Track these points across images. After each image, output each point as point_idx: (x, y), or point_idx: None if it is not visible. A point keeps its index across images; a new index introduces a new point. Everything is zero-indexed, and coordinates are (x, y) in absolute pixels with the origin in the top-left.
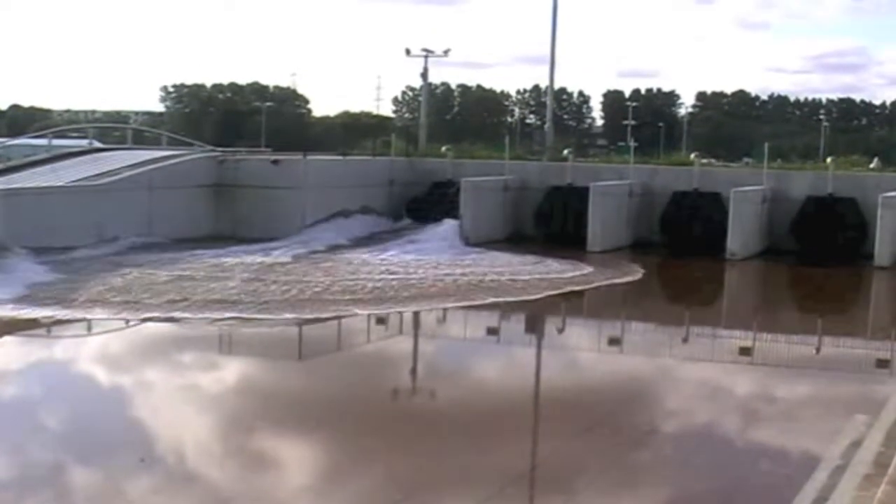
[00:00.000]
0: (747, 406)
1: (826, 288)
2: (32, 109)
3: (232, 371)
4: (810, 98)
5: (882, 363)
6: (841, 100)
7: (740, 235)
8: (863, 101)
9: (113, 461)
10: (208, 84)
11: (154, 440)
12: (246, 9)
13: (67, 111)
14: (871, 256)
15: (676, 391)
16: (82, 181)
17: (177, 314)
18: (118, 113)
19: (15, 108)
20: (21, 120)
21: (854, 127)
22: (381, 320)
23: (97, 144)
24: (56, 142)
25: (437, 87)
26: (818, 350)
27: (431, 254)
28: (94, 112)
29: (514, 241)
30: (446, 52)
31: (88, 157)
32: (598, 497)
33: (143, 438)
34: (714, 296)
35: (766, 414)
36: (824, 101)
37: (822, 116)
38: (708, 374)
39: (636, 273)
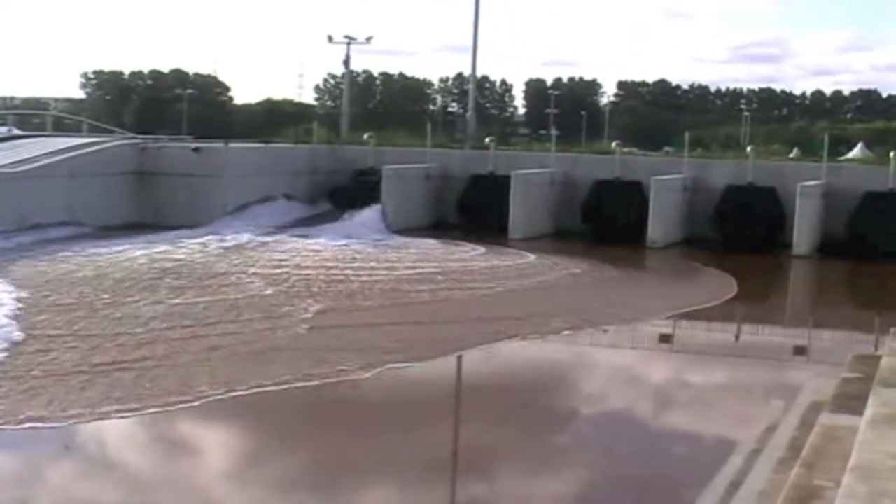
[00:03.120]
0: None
1: (748, 275)
2: None
3: None
4: (731, 88)
5: (799, 350)
6: (761, 90)
7: (661, 224)
8: (783, 92)
9: None
10: (129, 71)
11: None
12: None
13: None
14: (789, 245)
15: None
16: (2, 168)
17: None
18: (37, 100)
19: None
20: None
21: (774, 117)
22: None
23: (16, 131)
24: None
25: (359, 74)
26: (737, 337)
27: (355, 242)
28: (12, 98)
29: (437, 228)
30: (369, 40)
31: (7, 143)
32: None
33: None
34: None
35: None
36: (745, 90)
37: (742, 106)
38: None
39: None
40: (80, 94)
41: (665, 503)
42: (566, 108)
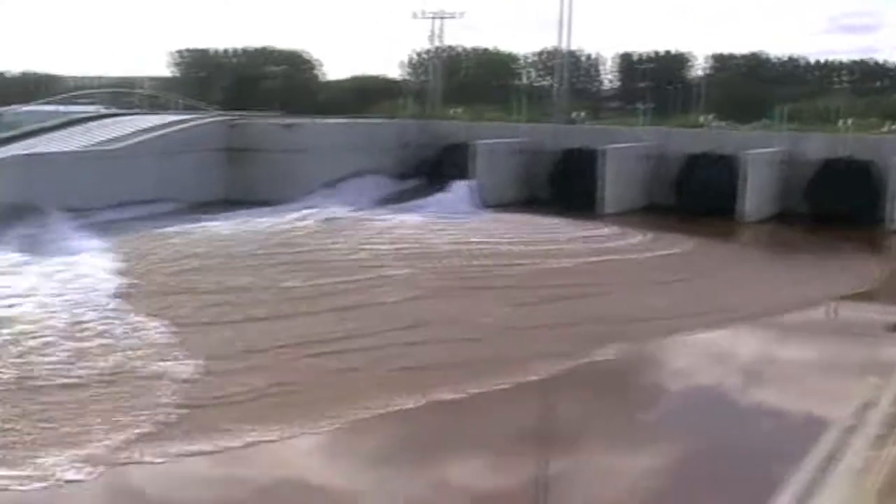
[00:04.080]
0: None
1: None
2: (43, 76)
3: None
4: (827, 60)
5: None
6: (858, 61)
7: (754, 198)
8: (880, 63)
9: None
10: (219, 49)
11: None
12: None
13: (77, 77)
14: (883, 220)
15: None
16: (96, 146)
17: None
18: (128, 79)
19: (27, 74)
20: (33, 86)
21: (872, 89)
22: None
23: (103, 111)
24: (67, 108)
25: (446, 49)
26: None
27: (451, 216)
28: (102, 78)
29: (528, 203)
30: (459, 15)
31: (100, 122)
32: None
33: None
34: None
35: None
36: (841, 62)
37: (839, 78)
38: None
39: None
40: (169, 73)
41: None
42: (657, 81)
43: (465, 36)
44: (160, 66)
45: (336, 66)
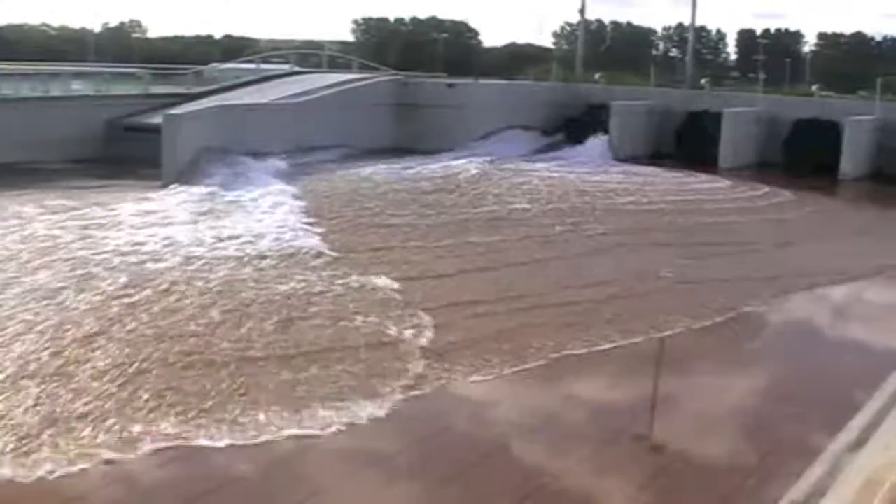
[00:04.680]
0: None
1: None
2: (242, 39)
3: None
4: None
5: None
6: None
7: (852, 158)
8: None
9: None
10: (393, 17)
11: None
12: None
13: (271, 40)
14: None
15: None
16: (284, 99)
17: None
18: (314, 42)
19: (228, 37)
20: (232, 48)
21: None
22: None
23: (296, 69)
24: (262, 66)
25: (592, 22)
26: None
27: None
28: (292, 40)
29: (655, 157)
30: None
31: (289, 78)
32: None
33: None
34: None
35: None
36: None
37: None
38: None
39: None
40: (350, 38)
41: None
42: (772, 55)
43: (610, 10)
44: (343, 31)
45: (493, 35)
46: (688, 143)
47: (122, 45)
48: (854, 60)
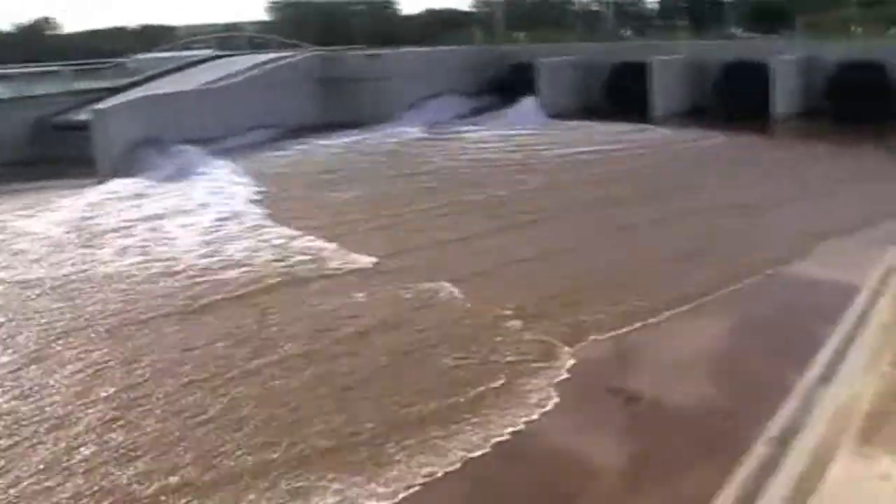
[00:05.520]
0: None
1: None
2: (160, 27)
3: None
4: None
5: None
6: None
7: (783, 98)
8: None
9: None
10: None
11: None
12: None
13: (189, 26)
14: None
15: None
16: (209, 84)
17: None
18: (233, 24)
19: (145, 27)
20: (151, 37)
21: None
22: None
23: (218, 52)
24: (183, 53)
25: None
26: None
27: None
28: (211, 25)
29: (586, 111)
30: None
31: (211, 63)
32: None
33: None
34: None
35: None
36: None
37: None
38: None
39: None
40: (268, 17)
41: None
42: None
43: None
44: (259, 12)
45: (412, 2)
46: (617, 95)
47: (37, 44)
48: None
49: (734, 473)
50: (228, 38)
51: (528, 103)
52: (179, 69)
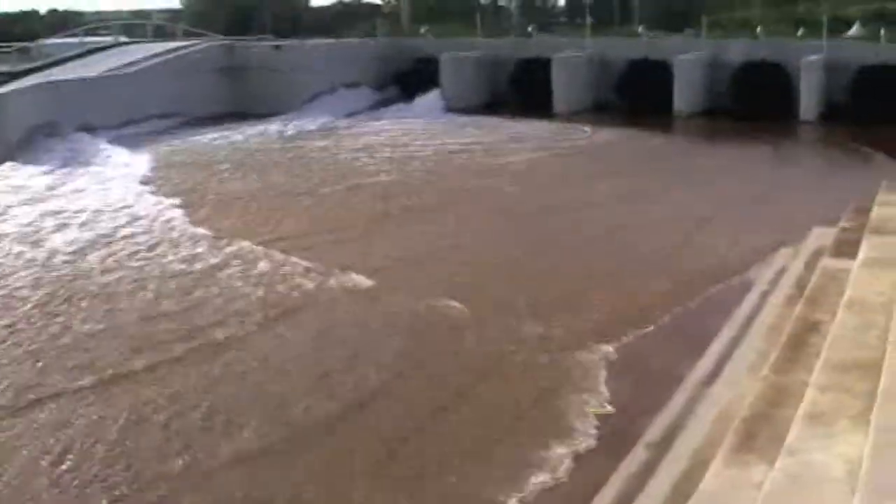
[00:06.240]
0: None
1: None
2: (68, 13)
3: None
4: None
5: None
6: None
7: (685, 96)
8: None
9: None
10: None
11: None
12: None
13: (98, 12)
14: (797, 114)
15: None
16: (112, 71)
17: None
18: (140, 12)
19: (53, 12)
20: (58, 22)
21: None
22: None
23: (123, 39)
24: (86, 39)
25: None
26: None
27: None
28: (118, 12)
29: (490, 106)
30: None
31: (115, 50)
32: None
33: None
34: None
35: None
36: None
37: None
38: None
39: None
40: (177, 5)
41: None
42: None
43: None
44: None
45: None
46: (521, 91)
47: None
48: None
49: (612, 475)
50: (134, 26)
51: (430, 97)
52: (82, 55)
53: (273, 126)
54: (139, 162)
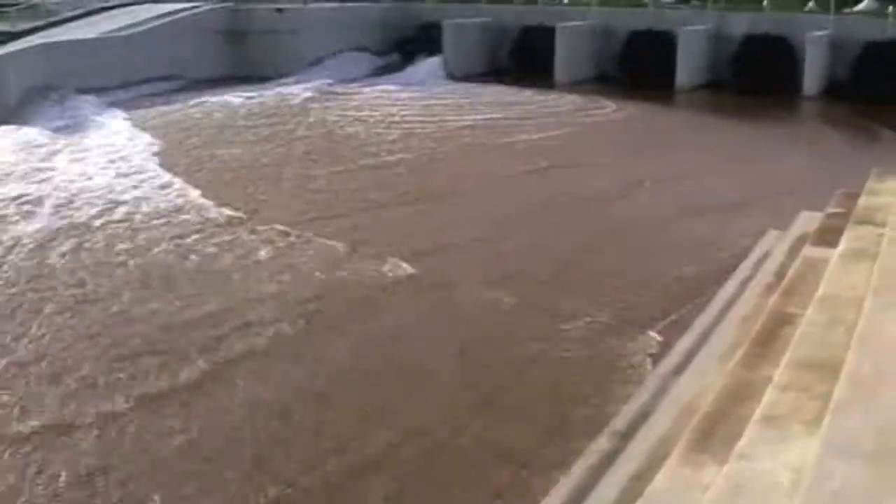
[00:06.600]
0: None
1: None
2: None
3: None
4: None
5: None
6: None
7: (687, 69)
8: None
9: None
10: None
11: None
12: None
13: None
14: (800, 88)
15: None
16: (114, 32)
17: None
18: None
19: None
20: None
21: None
22: None
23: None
24: None
25: None
26: None
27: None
28: None
29: (491, 73)
30: None
31: (118, 10)
32: None
33: None
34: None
35: None
36: None
37: None
38: None
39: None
40: None
41: None
42: None
43: None
44: None
45: None
46: (523, 59)
47: None
48: None
49: (570, 469)
50: None
51: (431, 64)
52: (85, 15)
53: (269, 91)
54: (132, 125)
